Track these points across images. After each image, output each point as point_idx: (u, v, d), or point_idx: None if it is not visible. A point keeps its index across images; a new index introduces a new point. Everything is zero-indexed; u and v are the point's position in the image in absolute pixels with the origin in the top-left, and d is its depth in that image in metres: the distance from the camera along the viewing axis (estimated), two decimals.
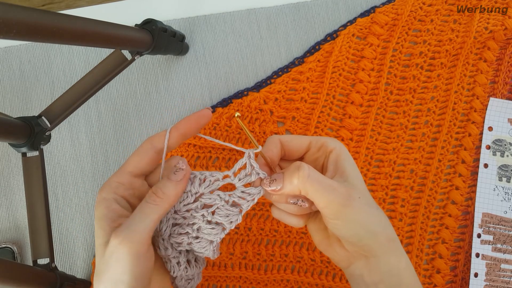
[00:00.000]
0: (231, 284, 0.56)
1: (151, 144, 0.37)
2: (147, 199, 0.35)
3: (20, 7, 0.31)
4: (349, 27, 0.58)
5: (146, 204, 0.35)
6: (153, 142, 0.37)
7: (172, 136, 0.37)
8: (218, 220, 0.37)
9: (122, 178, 0.36)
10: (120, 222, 0.34)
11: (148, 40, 0.49)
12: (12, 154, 0.58)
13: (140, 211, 0.34)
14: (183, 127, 0.38)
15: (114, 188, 0.35)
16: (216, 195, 0.37)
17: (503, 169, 0.57)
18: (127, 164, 0.37)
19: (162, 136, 0.37)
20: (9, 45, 0.60)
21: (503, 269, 0.56)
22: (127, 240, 0.32)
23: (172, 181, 0.36)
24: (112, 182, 0.36)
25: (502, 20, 0.57)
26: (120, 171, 0.36)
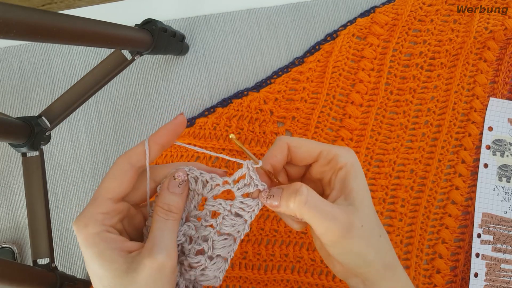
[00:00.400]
0: (231, 284, 0.56)
1: (129, 164, 0.34)
2: (166, 217, 0.34)
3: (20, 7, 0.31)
4: (349, 27, 0.58)
5: (167, 221, 0.34)
6: (131, 160, 0.34)
7: (151, 150, 0.34)
8: (226, 231, 0.37)
9: (105, 208, 0.33)
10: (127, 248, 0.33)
11: (148, 40, 0.49)
12: (12, 154, 0.58)
13: (164, 228, 0.33)
14: (162, 139, 0.35)
15: (101, 220, 0.33)
16: (219, 203, 0.37)
17: (503, 169, 0.57)
18: (106, 191, 0.33)
19: (140, 153, 0.34)
20: (9, 45, 0.60)
21: (503, 269, 0.56)
22: (168, 259, 0.32)
23: (177, 194, 0.35)
24: (95, 215, 0.32)
25: (502, 20, 0.57)
26: (99, 199, 0.33)
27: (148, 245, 0.32)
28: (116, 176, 0.34)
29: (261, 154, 0.56)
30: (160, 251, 0.32)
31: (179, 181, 0.35)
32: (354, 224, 0.34)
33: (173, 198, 0.35)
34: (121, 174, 0.34)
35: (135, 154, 0.34)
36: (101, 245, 0.32)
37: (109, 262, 0.32)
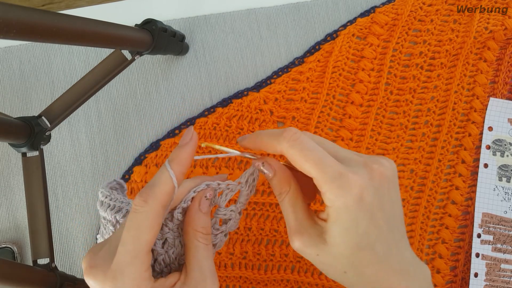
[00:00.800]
0: (231, 284, 0.56)
1: (163, 208, 0.31)
2: (206, 242, 0.33)
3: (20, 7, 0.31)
4: (349, 27, 0.58)
5: (207, 247, 0.33)
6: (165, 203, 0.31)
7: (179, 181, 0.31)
8: (230, 230, 0.37)
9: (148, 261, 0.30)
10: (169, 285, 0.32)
11: (148, 40, 0.49)
12: (12, 154, 0.58)
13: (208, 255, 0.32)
14: (187, 167, 0.32)
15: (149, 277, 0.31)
16: (231, 211, 0.36)
17: (503, 169, 0.57)
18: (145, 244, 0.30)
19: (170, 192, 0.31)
20: (9, 45, 0.60)
21: (503, 269, 0.56)
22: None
23: (208, 213, 0.34)
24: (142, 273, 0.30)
25: (502, 20, 0.57)
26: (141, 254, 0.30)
27: (196, 276, 0.31)
28: (153, 225, 0.30)
29: (261, 154, 0.56)
30: (213, 283, 0.32)
31: (211, 200, 0.34)
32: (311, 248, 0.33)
33: (206, 219, 0.33)
34: (157, 221, 0.30)
35: (166, 195, 0.31)
36: None
37: None
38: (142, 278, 0.30)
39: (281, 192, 0.35)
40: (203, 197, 0.34)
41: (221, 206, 0.36)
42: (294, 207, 0.34)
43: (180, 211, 0.34)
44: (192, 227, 0.33)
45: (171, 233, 0.34)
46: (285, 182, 0.35)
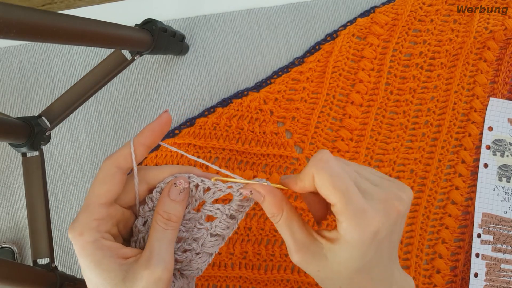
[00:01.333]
0: (231, 284, 0.56)
1: (116, 167, 0.33)
2: (165, 227, 0.34)
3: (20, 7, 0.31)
4: (349, 27, 0.58)
5: (166, 231, 0.34)
6: (118, 163, 0.33)
7: (137, 152, 0.34)
8: (219, 233, 0.37)
9: (98, 214, 0.33)
10: (123, 254, 0.33)
11: (148, 40, 0.49)
12: (12, 154, 0.58)
13: (162, 238, 0.33)
14: (148, 140, 0.34)
15: (96, 227, 0.32)
16: (217, 209, 0.37)
17: (503, 169, 0.57)
18: (96, 196, 0.33)
19: (126, 155, 0.34)
20: (9, 45, 0.60)
21: (503, 269, 0.56)
22: (165, 271, 0.32)
23: (178, 202, 0.35)
24: (90, 222, 0.32)
25: (502, 20, 0.57)
26: (91, 205, 0.33)
27: (146, 255, 0.32)
28: (104, 180, 0.33)
29: (261, 154, 0.56)
30: (158, 264, 0.32)
31: (181, 189, 0.35)
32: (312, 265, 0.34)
33: (173, 206, 0.34)
34: (109, 178, 0.33)
35: (121, 156, 0.34)
36: (98, 254, 0.32)
37: (106, 271, 0.32)
38: (87, 227, 0.32)
39: (273, 215, 0.35)
40: (172, 184, 0.35)
41: (207, 202, 0.37)
42: (290, 229, 0.35)
43: (159, 190, 0.36)
44: (156, 210, 0.34)
45: (142, 219, 0.36)
46: (276, 206, 0.35)
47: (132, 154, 0.34)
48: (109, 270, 0.32)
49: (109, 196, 0.33)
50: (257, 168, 0.57)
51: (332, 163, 0.32)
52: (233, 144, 0.56)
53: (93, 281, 0.32)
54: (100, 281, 0.32)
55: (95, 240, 0.32)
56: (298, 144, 0.57)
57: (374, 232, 0.31)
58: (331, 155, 0.33)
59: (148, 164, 0.56)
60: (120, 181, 0.34)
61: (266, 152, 0.56)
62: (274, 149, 0.56)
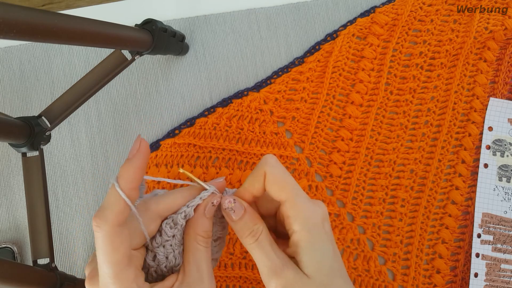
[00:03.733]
0: (231, 284, 0.56)
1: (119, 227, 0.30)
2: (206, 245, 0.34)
3: (20, 7, 0.31)
4: (349, 27, 0.58)
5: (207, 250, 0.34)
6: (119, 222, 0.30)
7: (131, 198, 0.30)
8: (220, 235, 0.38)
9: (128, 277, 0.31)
10: None
11: (148, 40, 0.49)
12: (12, 154, 0.58)
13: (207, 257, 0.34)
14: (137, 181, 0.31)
15: None
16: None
17: (503, 169, 0.57)
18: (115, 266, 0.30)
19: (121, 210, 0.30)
20: (9, 45, 0.60)
21: (503, 269, 0.56)
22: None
23: (210, 219, 0.35)
24: None
25: (502, 20, 0.57)
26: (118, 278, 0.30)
27: (195, 276, 0.32)
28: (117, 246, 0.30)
29: (261, 154, 0.56)
30: (211, 284, 0.33)
31: (213, 204, 0.35)
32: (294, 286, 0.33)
33: (209, 224, 0.34)
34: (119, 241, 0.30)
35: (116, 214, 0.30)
36: None
37: None
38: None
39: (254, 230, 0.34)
40: (209, 203, 0.34)
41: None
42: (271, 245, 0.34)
43: (183, 216, 0.34)
44: (194, 230, 0.34)
45: (172, 240, 0.34)
46: (257, 217, 0.35)
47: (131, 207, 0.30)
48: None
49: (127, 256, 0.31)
50: None
51: (279, 164, 0.34)
52: (233, 144, 0.56)
53: None
54: None
55: None
56: (298, 144, 0.57)
57: (322, 217, 0.34)
58: (277, 160, 0.35)
59: (148, 164, 0.56)
60: (128, 235, 0.31)
61: (266, 152, 0.56)
62: (274, 149, 0.56)
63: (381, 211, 0.56)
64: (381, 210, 0.56)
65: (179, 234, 0.34)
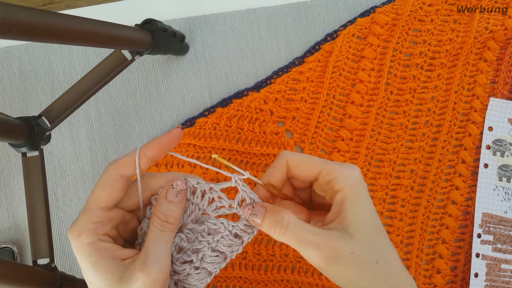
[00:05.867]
0: (231, 284, 0.56)
1: (118, 174, 0.34)
2: (161, 228, 0.34)
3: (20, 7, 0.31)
4: (349, 27, 0.58)
5: (162, 233, 0.34)
6: (121, 170, 0.34)
7: (141, 161, 0.34)
8: (221, 249, 0.37)
9: (97, 217, 0.33)
10: (120, 256, 0.33)
11: (148, 40, 0.49)
12: (12, 154, 0.58)
13: (159, 240, 0.34)
14: (154, 152, 0.35)
15: (93, 230, 0.33)
16: (221, 223, 0.36)
17: (503, 169, 0.57)
18: (96, 200, 0.34)
19: (130, 163, 0.34)
20: (9, 45, 0.60)
21: (503, 269, 0.56)
22: (160, 273, 0.32)
23: (175, 203, 0.35)
24: (87, 224, 0.33)
25: (502, 20, 0.57)
26: (91, 209, 0.33)
27: (142, 256, 0.33)
28: (106, 185, 0.34)
29: (261, 154, 0.56)
30: (153, 265, 0.32)
31: (178, 190, 0.35)
32: (340, 252, 0.33)
33: (170, 207, 0.35)
34: (111, 184, 0.34)
35: (124, 164, 0.34)
36: (95, 255, 0.32)
37: (102, 272, 0.32)
38: (85, 229, 0.33)
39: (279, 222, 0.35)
40: (169, 186, 0.35)
41: (210, 215, 0.37)
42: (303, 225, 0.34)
43: (155, 197, 0.36)
44: (153, 212, 0.35)
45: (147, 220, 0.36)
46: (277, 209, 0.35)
47: (136, 163, 0.34)
48: (106, 271, 0.32)
49: (109, 200, 0.34)
50: (257, 168, 0.57)
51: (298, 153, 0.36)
52: (233, 144, 0.56)
53: (91, 281, 0.33)
54: (97, 281, 0.32)
55: (92, 242, 0.33)
56: (298, 144, 0.57)
57: (360, 173, 0.36)
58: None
59: None
60: (121, 187, 0.34)
61: (266, 152, 0.56)
62: (274, 149, 0.56)
63: (381, 211, 0.56)
64: (381, 210, 0.56)
65: None
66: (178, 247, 0.37)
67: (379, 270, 0.34)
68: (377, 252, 0.34)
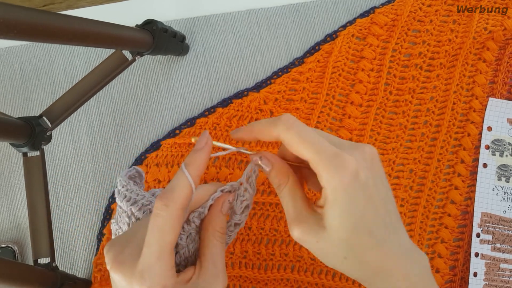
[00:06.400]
0: (231, 283, 0.56)
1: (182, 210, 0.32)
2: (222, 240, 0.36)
3: (20, 7, 0.31)
4: (349, 28, 0.58)
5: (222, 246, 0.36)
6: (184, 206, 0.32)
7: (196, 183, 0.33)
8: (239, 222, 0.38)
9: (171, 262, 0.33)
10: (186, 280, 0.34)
11: (149, 40, 0.49)
12: (13, 154, 0.59)
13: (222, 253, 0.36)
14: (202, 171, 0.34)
15: (174, 275, 0.33)
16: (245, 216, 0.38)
17: (502, 169, 0.57)
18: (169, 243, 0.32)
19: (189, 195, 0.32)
20: (10, 45, 0.60)
21: (502, 269, 0.56)
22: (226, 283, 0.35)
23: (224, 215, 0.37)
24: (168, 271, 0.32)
25: (502, 20, 0.57)
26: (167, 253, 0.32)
27: (211, 271, 0.34)
28: (175, 227, 0.32)
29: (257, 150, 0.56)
30: (224, 279, 0.34)
31: (230, 202, 0.37)
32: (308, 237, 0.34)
33: (225, 221, 0.36)
34: (178, 223, 0.32)
35: (185, 198, 0.32)
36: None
37: None
38: (167, 276, 0.32)
39: (280, 184, 0.36)
40: (226, 200, 0.36)
41: (237, 212, 0.38)
42: (293, 198, 0.35)
43: (197, 215, 0.36)
44: (212, 226, 0.35)
45: (185, 235, 0.36)
46: (283, 174, 0.36)
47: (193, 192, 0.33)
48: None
49: (176, 240, 0.33)
50: None
51: (297, 122, 0.33)
52: (233, 144, 0.56)
53: None
54: None
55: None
56: None
57: (352, 172, 0.32)
58: (296, 118, 0.34)
59: (149, 164, 0.57)
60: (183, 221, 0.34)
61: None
62: (274, 149, 0.57)
63: None
64: None
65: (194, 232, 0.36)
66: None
67: (345, 265, 0.34)
68: (348, 250, 0.33)
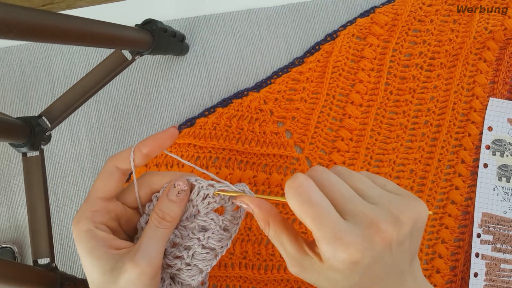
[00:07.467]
0: (231, 284, 0.56)
1: (115, 166, 0.37)
2: (158, 224, 0.35)
3: (20, 7, 0.31)
4: (349, 27, 0.58)
5: (157, 229, 0.35)
6: (117, 163, 0.37)
7: (136, 157, 0.37)
8: (212, 245, 0.37)
9: (95, 206, 0.35)
10: (115, 245, 0.35)
11: (148, 40, 0.49)
12: (13, 154, 0.58)
13: (153, 235, 0.35)
14: (148, 148, 0.37)
15: (91, 218, 0.35)
16: (211, 219, 0.37)
17: (503, 169, 0.57)
18: (95, 190, 0.36)
19: (125, 158, 0.37)
20: (9, 45, 0.60)
21: (502, 269, 0.56)
22: (148, 267, 0.33)
23: (175, 203, 0.36)
24: (86, 212, 0.35)
25: (502, 20, 0.57)
26: (90, 199, 0.36)
27: (134, 248, 0.34)
28: (103, 177, 0.36)
29: (261, 154, 0.56)
30: (142, 258, 0.33)
31: (179, 190, 0.36)
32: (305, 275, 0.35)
33: (170, 206, 0.36)
34: (107, 175, 0.36)
35: (121, 158, 0.37)
36: (91, 242, 0.34)
37: (97, 259, 0.34)
38: (83, 216, 0.35)
39: (264, 228, 0.36)
40: (171, 185, 0.36)
41: (201, 211, 0.37)
42: (280, 243, 0.35)
43: (156, 195, 0.37)
44: (154, 208, 0.36)
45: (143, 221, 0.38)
46: (263, 220, 0.36)
47: (131, 158, 0.36)
48: (100, 258, 0.34)
49: (105, 190, 0.36)
50: (257, 168, 0.57)
51: (304, 187, 0.32)
52: (233, 144, 0.56)
53: (86, 267, 0.35)
54: (91, 268, 0.34)
55: (89, 229, 0.35)
56: (298, 144, 0.57)
57: (351, 261, 0.30)
58: (306, 178, 0.32)
59: (148, 164, 0.57)
60: (118, 179, 0.37)
61: (266, 152, 0.56)
62: (274, 149, 0.56)
63: None
64: None
65: None
66: (173, 242, 0.38)
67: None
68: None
